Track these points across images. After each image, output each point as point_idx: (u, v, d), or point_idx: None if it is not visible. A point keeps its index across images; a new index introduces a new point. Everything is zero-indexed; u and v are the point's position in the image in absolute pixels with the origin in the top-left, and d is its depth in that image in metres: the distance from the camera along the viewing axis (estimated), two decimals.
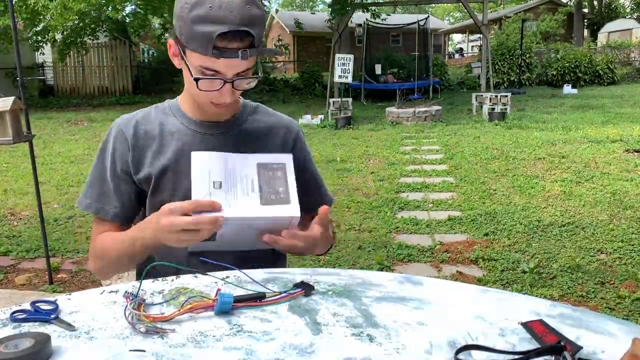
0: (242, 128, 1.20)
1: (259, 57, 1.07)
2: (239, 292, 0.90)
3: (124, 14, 13.84)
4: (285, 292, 0.90)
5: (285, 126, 1.26)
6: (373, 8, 14.62)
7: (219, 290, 0.84)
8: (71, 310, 0.84)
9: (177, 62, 1.09)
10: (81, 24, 13.03)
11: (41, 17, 11.77)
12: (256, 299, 0.87)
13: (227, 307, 0.83)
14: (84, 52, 14.67)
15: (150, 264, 0.95)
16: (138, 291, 0.87)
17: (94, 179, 1.19)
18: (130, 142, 1.16)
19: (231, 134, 1.18)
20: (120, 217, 1.17)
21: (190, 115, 1.18)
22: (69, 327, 0.78)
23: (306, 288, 0.91)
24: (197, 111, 1.17)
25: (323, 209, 1.05)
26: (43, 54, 15.79)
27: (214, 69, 1.02)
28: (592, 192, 4.78)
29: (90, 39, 14.33)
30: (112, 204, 1.16)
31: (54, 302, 0.85)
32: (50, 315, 0.81)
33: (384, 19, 16.77)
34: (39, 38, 12.99)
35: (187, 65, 1.05)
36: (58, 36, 13.17)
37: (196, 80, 1.03)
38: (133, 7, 14.51)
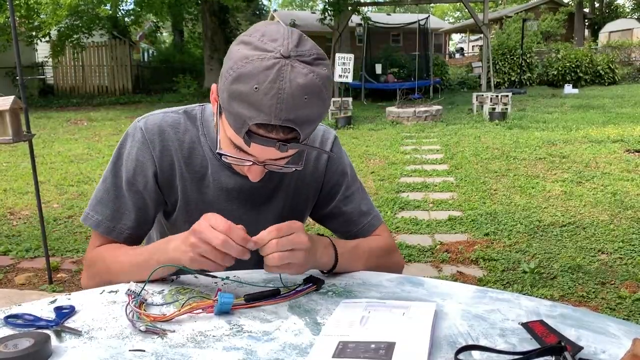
0: None
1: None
2: (246, 290, 0.90)
3: (119, 10, 13.84)
4: (298, 288, 0.90)
5: (319, 144, 1.13)
6: (364, 12, 14.62)
7: (219, 290, 0.84)
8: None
9: (214, 109, 0.94)
10: (77, 22, 13.03)
11: (35, 13, 11.76)
12: (270, 297, 0.87)
13: (226, 308, 0.83)
14: (80, 49, 14.65)
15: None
16: (141, 290, 0.87)
17: (106, 191, 1.05)
18: (156, 158, 1.03)
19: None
20: (133, 238, 1.05)
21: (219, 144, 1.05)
22: (75, 332, 0.77)
23: (317, 282, 0.92)
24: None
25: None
26: (36, 50, 15.79)
27: (243, 149, 0.88)
28: (592, 192, 4.78)
29: (85, 36, 14.31)
30: (128, 223, 1.04)
31: (70, 307, 0.84)
32: (51, 323, 0.79)
33: (388, 14, 16.78)
34: (32, 34, 12.99)
35: (217, 127, 0.93)
36: (53, 33, 13.18)
37: (220, 155, 0.92)
38: (130, 5, 14.54)
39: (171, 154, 1.05)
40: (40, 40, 13.42)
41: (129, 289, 0.86)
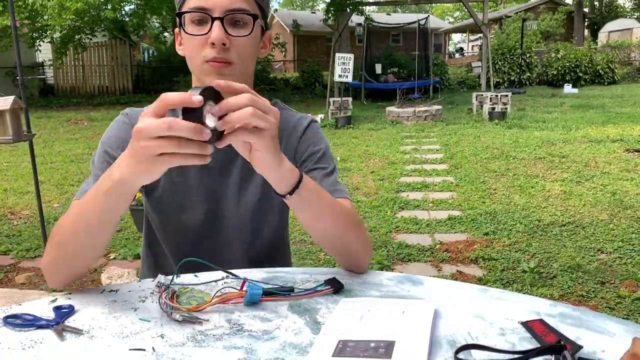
0: None
1: None
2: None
3: (123, 13, 13.85)
4: (314, 288, 0.90)
5: (295, 122, 1.13)
6: (366, 11, 14.61)
7: (245, 281, 0.85)
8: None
9: (181, 51, 1.03)
10: (79, 23, 13.04)
11: (39, 16, 11.78)
12: (284, 294, 0.88)
13: (256, 298, 0.85)
14: (81, 50, 14.65)
15: (182, 259, 0.91)
16: (171, 282, 0.89)
17: (93, 168, 1.06)
18: None
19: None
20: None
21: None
22: (76, 330, 0.78)
23: (336, 285, 0.91)
24: None
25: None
26: (40, 51, 15.79)
27: (199, 7, 0.96)
28: (592, 192, 4.78)
29: (89, 38, 14.33)
30: None
31: (69, 306, 0.84)
32: (51, 323, 0.79)
33: (388, 14, 16.80)
34: (35, 35, 12.98)
35: (181, 26, 0.99)
36: (56, 35, 13.18)
37: (179, 17, 0.98)
38: (132, 6, 14.52)
39: None
40: (43, 42, 13.42)
41: (159, 282, 0.88)
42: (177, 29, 1.03)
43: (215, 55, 0.96)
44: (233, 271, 0.97)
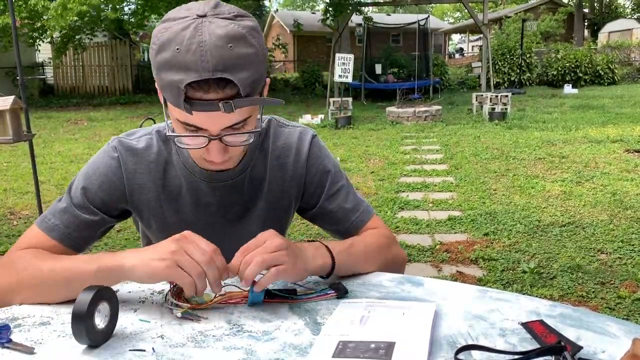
0: (253, 166, 1.05)
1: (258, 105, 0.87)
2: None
3: (123, 13, 13.86)
4: (318, 292, 0.90)
5: (296, 148, 1.08)
6: (366, 11, 14.60)
7: (254, 282, 0.83)
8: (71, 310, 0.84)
9: (165, 111, 0.91)
10: (79, 23, 13.05)
11: (40, 17, 11.76)
12: (287, 296, 0.87)
13: (259, 299, 0.85)
14: (81, 50, 14.65)
15: None
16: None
17: (68, 200, 1.00)
18: (126, 178, 1.01)
19: (242, 177, 1.04)
20: (80, 247, 0.99)
21: (194, 162, 1.01)
22: (28, 349, 0.73)
23: (340, 291, 0.90)
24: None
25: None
26: (39, 50, 15.78)
27: (194, 125, 0.85)
28: (592, 192, 4.78)
29: (89, 38, 14.33)
30: (84, 233, 0.99)
31: (5, 325, 0.79)
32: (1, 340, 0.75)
33: (388, 14, 16.78)
34: (35, 35, 12.97)
35: (167, 115, 0.89)
36: (56, 34, 13.17)
37: (171, 138, 0.89)
38: (132, 6, 14.51)
39: (143, 177, 1.02)
40: (43, 42, 13.41)
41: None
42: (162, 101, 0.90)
43: (213, 161, 0.91)
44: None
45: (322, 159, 1.11)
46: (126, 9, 14.45)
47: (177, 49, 0.78)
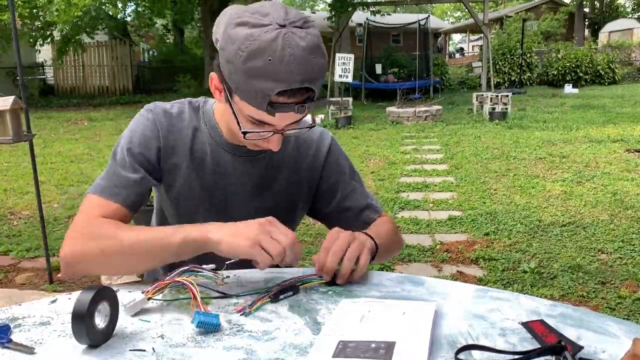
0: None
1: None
2: (248, 288, 0.90)
3: (125, 14, 13.86)
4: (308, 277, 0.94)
5: (316, 143, 1.18)
6: (369, 10, 14.58)
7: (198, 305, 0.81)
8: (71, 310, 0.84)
9: (218, 97, 1.00)
10: (79, 22, 13.03)
11: (41, 14, 11.71)
12: (291, 293, 0.90)
13: (211, 323, 0.79)
14: (81, 50, 14.65)
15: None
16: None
17: (112, 164, 1.06)
18: (162, 136, 1.07)
19: (263, 155, 1.12)
20: (135, 208, 1.05)
21: (220, 129, 1.09)
22: (28, 349, 0.73)
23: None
24: (228, 131, 1.08)
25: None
26: (39, 51, 15.77)
27: (265, 122, 0.93)
28: (592, 192, 4.78)
29: (90, 37, 14.31)
30: (132, 189, 1.04)
31: (5, 325, 0.79)
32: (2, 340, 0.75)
33: (387, 14, 16.76)
34: (37, 35, 12.95)
35: (232, 108, 0.95)
36: (56, 33, 13.14)
37: (244, 134, 0.95)
38: (133, 6, 14.51)
39: (175, 138, 1.09)
40: (44, 42, 13.37)
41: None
42: (214, 74, 0.97)
43: (266, 148, 1.00)
44: (236, 272, 0.97)
45: (339, 159, 1.20)
46: (129, 9, 14.46)
47: (270, 59, 0.84)
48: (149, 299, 0.84)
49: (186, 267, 0.87)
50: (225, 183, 1.11)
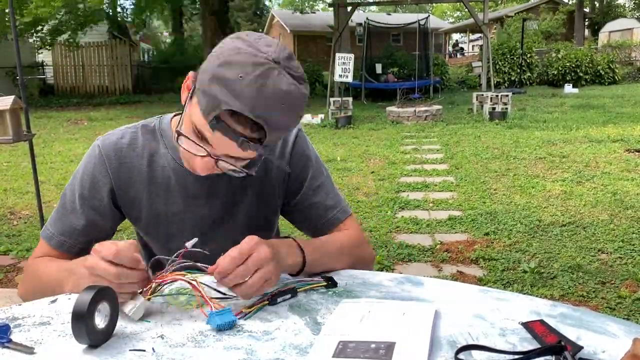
0: None
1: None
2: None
3: (122, 10, 13.79)
4: (309, 282, 0.93)
5: (281, 143, 1.10)
6: (367, 10, 14.57)
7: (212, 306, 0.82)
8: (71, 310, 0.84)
9: (183, 98, 0.93)
10: (65, 17, 12.88)
11: (28, 8, 11.56)
12: (289, 296, 0.89)
13: (229, 320, 0.80)
14: (75, 47, 14.57)
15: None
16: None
17: (62, 206, 1.06)
18: (112, 175, 1.04)
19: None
20: (85, 252, 0.98)
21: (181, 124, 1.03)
22: (28, 349, 0.73)
23: (330, 282, 0.94)
24: None
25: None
26: (38, 51, 15.69)
27: (204, 137, 0.86)
28: (592, 192, 4.78)
29: (82, 34, 14.22)
30: (80, 238, 1.04)
31: (5, 325, 0.79)
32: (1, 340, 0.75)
33: (388, 14, 16.75)
34: (24, 28, 12.85)
35: (187, 109, 0.90)
36: (46, 28, 13.04)
37: (178, 134, 0.89)
38: (131, 5, 14.46)
39: (130, 171, 1.05)
40: (32, 36, 13.22)
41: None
42: (192, 73, 0.92)
43: (193, 169, 0.95)
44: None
45: (305, 153, 1.13)
46: (127, 5, 14.43)
47: (241, 77, 0.80)
48: (148, 299, 0.84)
49: (175, 264, 0.84)
50: (196, 205, 1.07)
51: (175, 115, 1.09)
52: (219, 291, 0.88)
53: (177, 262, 0.84)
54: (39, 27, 12.47)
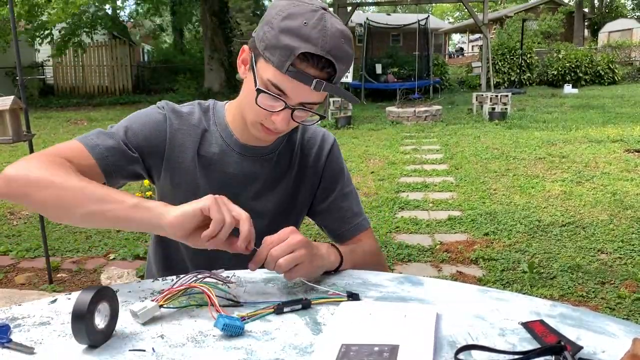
0: (281, 149, 1.15)
1: (329, 95, 1.00)
2: (249, 289, 0.90)
3: (125, 13, 13.88)
4: (330, 294, 0.89)
5: (320, 142, 1.19)
6: (367, 10, 14.60)
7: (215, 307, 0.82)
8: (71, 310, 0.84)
9: (242, 71, 1.01)
10: (78, 22, 12.99)
11: (39, 12, 11.65)
12: (299, 308, 0.85)
13: (235, 326, 0.79)
14: (81, 50, 14.63)
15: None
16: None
17: (114, 130, 1.06)
18: (169, 134, 1.08)
19: (271, 155, 1.13)
20: (109, 174, 1.01)
21: (231, 130, 1.10)
22: (28, 349, 0.73)
23: (352, 295, 0.89)
24: (241, 129, 1.09)
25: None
26: (38, 50, 15.75)
27: (281, 89, 0.93)
28: (592, 192, 4.78)
29: (89, 36, 14.30)
30: (118, 163, 1.02)
31: (5, 325, 0.78)
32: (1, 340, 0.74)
33: (387, 14, 16.75)
34: (35, 34, 12.91)
35: (253, 74, 0.96)
36: (55, 33, 13.11)
37: (258, 91, 0.94)
38: (133, 5, 14.52)
39: (184, 137, 1.10)
40: (42, 41, 13.34)
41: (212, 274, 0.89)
42: (246, 46, 1.01)
43: (272, 130, 1.00)
44: (235, 272, 0.97)
45: (340, 161, 1.22)
46: (128, 8, 14.52)
47: (305, 22, 0.89)
48: (160, 306, 0.83)
49: (196, 273, 0.86)
50: (232, 184, 1.12)
51: (227, 103, 1.15)
52: (229, 299, 0.87)
53: (202, 276, 0.86)
54: (47, 32, 12.52)
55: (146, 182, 1.12)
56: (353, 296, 0.88)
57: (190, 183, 1.11)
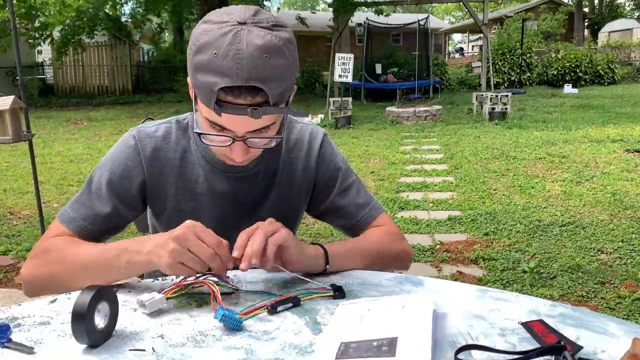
0: (266, 159, 1.09)
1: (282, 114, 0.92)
2: (247, 287, 0.90)
3: (122, 14, 13.89)
4: (315, 289, 0.90)
5: (308, 143, 1.13)
6: (367, 10, 14.59)
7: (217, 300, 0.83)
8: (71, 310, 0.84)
9: (192, 96, 0.95)
10: (78, 22, 13.00)
11: (38, 13, 11.66)
12: (291, 305, 0.86)
13: (233, 319, 0.80)
14: (81, 50, 14.63)
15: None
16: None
17: (87, 192, 1.04)
18: (145, 165, 1.04)
19: (256, 170, 1.08)
20: (97, 241, 1.02)
21: (213, 153, 1.04)
22: (28, 349, 0.73)
23: (339, 291, 0.90)
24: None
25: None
26: (40, 52, 15.76)
27: (220, 125, 0.89)
28: (592, 192, 4.78)
29: (89, 37, 14.31)
30: (101, 226, 1.02)
31: (5, 324, 0.79)
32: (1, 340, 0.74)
33: (387, 15, 16.74)
34: (36, 35, 12.92)
35: (198, 111, 0.92)
36: (55, 34, 13.13)
37: (198, 135, 0.92)
38: (132, 6, 14.54)
39: (162, 163, 1.06)
40: (43, 42, 13.34)
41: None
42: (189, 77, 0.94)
43: (234, 160, 0.95)
44: (233, 272, 0.97)
45: (333, 157, 1.16)
46: (127, 8, 14.53)
47: (215, 53, 0.82)
48: (167, 298, 0.84)
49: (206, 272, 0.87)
50: (221, 203, 1.08)
51: None
52: (231, 286, 0.89)
53: (205, 274, 0.86)
54: (47, 33, 12.53)
55: None
56: (338, 289, 0.90)
57: (174, 210, 1.08)
